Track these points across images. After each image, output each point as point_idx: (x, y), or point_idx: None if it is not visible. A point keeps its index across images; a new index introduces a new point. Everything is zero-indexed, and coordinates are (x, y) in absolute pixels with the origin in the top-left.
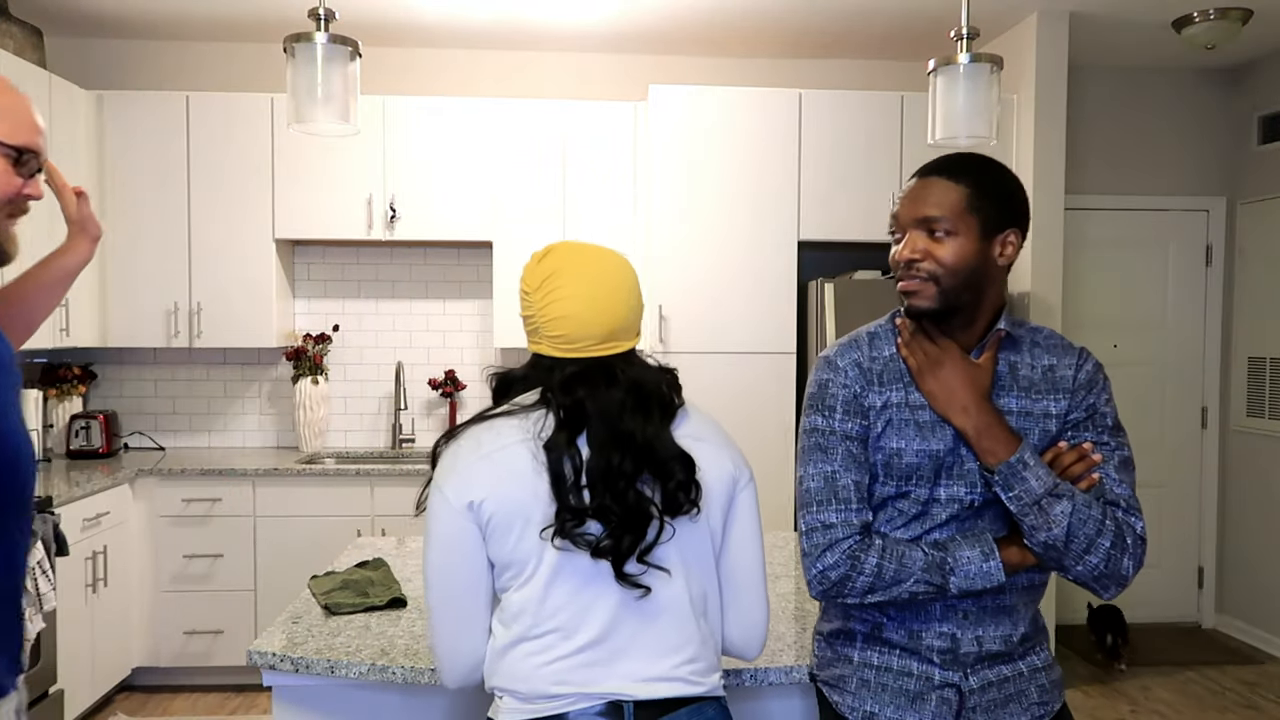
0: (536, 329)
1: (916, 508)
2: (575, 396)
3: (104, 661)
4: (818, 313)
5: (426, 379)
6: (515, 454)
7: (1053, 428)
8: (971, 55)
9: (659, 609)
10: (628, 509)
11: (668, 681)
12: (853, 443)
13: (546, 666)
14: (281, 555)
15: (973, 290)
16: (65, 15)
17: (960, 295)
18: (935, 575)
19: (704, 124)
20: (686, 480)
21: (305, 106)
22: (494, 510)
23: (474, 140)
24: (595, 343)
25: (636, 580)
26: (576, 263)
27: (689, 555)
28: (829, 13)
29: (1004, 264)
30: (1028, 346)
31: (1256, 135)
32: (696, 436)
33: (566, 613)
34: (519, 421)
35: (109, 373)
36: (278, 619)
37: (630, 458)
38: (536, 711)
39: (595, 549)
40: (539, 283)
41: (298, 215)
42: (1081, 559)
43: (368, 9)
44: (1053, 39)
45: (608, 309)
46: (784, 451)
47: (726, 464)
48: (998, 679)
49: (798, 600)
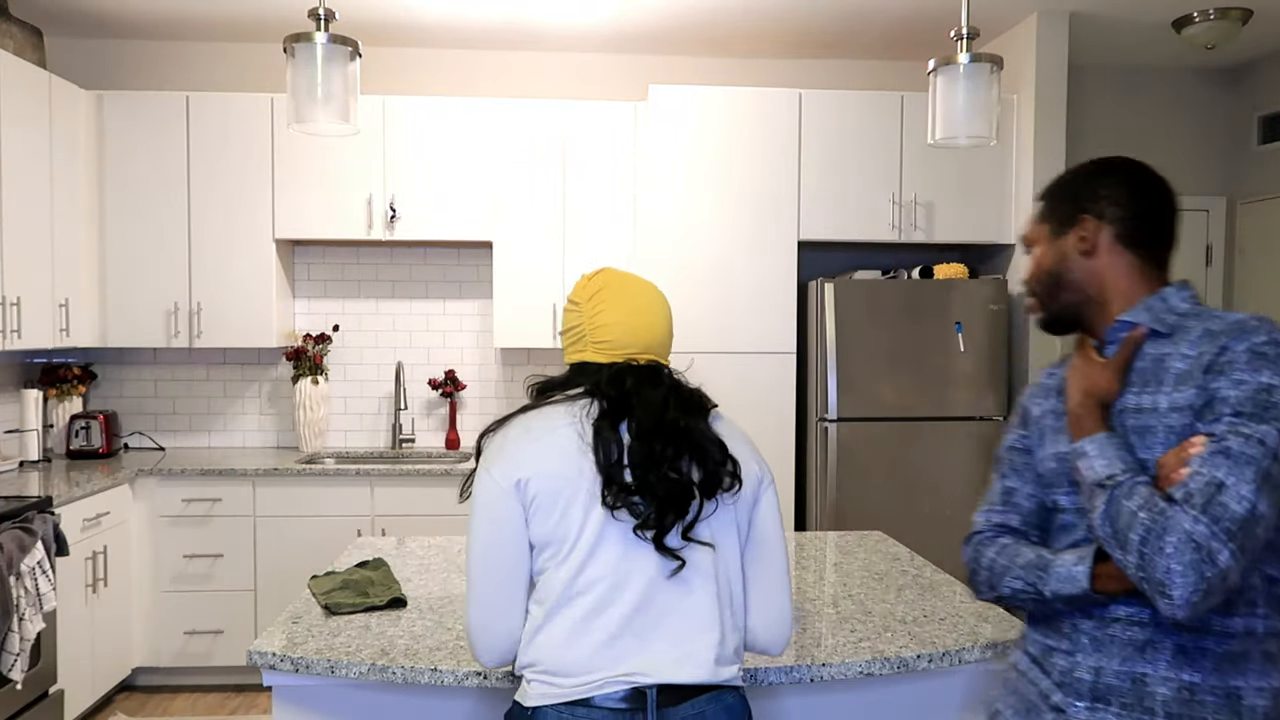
0: (583, 337)
1: (1067, 518)
2: (623, 388)
3: (104, 661)
4: (818, 313)
5: (426, 379)
6: (563, 435)
7: (1174, 421)
8: (971, 55)
9: (689, 589)
10: (670, 486)
11: (692, 666)
12: (1015, 453)
13: (577, 640)
14: (281, 555)
15: (1072, 290)
16: (65, 15)
17: (1060, 299)
18: (1031, 574)
19: (704, 124)
20: (724, 458)
21: (305, 106)
22: (540, 488)
23: (474, 140)
24: (638, 351)
25: (676, 553)
26: (623, 280)
27: (720, 542)
28: (829, 13)
29: (1085, 251)
30: (1194, 336)
31: (1256, 135)
32: (727, 435)
33: (602, 586)
34: (566, 407)
35: (109, 373)
36: (278, 619)
37: (671, 444)
38: (563, 695)
39: (642, 522)
40: (590, 295)
41: (298, 215)
42: (1124, 559)
43: (368, 9)
44: (1053, 39)
45: (649, 323)
46: (784, 452)
47: (752, 465)
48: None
49: (797, 601)
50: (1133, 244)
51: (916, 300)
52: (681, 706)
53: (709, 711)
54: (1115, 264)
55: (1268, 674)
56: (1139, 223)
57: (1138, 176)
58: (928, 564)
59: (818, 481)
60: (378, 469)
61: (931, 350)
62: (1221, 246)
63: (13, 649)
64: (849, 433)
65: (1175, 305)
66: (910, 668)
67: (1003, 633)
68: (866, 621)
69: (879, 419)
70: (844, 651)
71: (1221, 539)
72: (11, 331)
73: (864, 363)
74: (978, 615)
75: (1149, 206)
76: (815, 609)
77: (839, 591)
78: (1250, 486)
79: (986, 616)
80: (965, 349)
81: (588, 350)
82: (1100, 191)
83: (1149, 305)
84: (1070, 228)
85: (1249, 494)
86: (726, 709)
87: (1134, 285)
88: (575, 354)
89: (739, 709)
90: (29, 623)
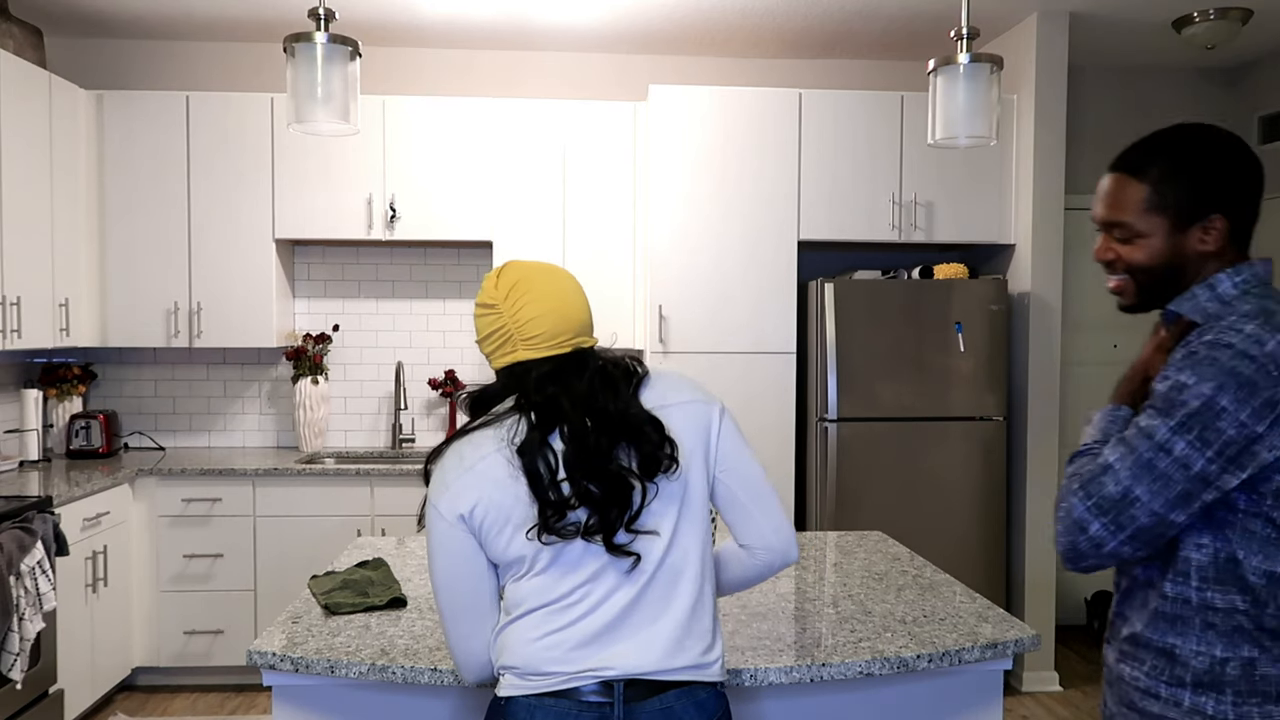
0: (509, 338)
1: None
2: (547, 393)
3: (104, 661)
4: (818, 313)
5: (426, 379)
6: (493, 462)
7: None
8: (971, 55)
9: (651, 581)
10: (608, 484)
11: (654, 655)
12: None
13: (542, 640)
14: (281, 555)
15: (1177, 282)
16: (65, 15)
17: (1164, 289)
18: None
19: (704, 124)
20: (661, 439)
21: (305, 106)
22: (483, 516)
23: (474, 140)
24: (571, 336)
25: (627, 549)
26: (535, 270)
27: (678, 521)
28: (829, 13)
29: (1207, 249)
30: (1216, 329)
31: (1256, 135)
32: (661, 404)
33: (562, 590)
34: (494, 431)
35: (109, 373)
36: (278, 619)
37: (605, 433)
38: (532, 688)
39: (583, 531)
40: (505, 293)
41: (298, 215)
42: None
43: (368, 9)
44: (1053, 39)
45: (574, 306)
46: (784, 452)
47: (695, 414)
48: None
49: (798, 601)
50: (1244, 239)
51: (916, 300)
52: (650, 700)
53: (678, 707)
54: (1224, 259)
55: (1208, 642)
56: (1253, 213)
57: (1255, 167)
58: (928, 564)
59: (818, 481)
60: (378, 469)
61: (931, 350)
62: None
63: (13, 649)
64: (849, 433)
65: (1223, 292)
66: (910, 668)
67: (1003, 633)
68: (866, 621)
69: (879, 419)
70: (844, 651)
71: (1093, 513)
72: (11, 331)
73: (864, 363)
74: (978, 615)
75: (1259, 193)
76: (815, 609)
77: (839, 591)
78: (1128, 473)
79: (986, 617)
80: (965, 349)
81: (518, 350)
82: (1231, 186)
83: (1194, 294)
84: (1196, 223)
85: (1126, 479)
86: (698, 705)
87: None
88: (504, 358)
89: (712, 706)
90: (29, 623)
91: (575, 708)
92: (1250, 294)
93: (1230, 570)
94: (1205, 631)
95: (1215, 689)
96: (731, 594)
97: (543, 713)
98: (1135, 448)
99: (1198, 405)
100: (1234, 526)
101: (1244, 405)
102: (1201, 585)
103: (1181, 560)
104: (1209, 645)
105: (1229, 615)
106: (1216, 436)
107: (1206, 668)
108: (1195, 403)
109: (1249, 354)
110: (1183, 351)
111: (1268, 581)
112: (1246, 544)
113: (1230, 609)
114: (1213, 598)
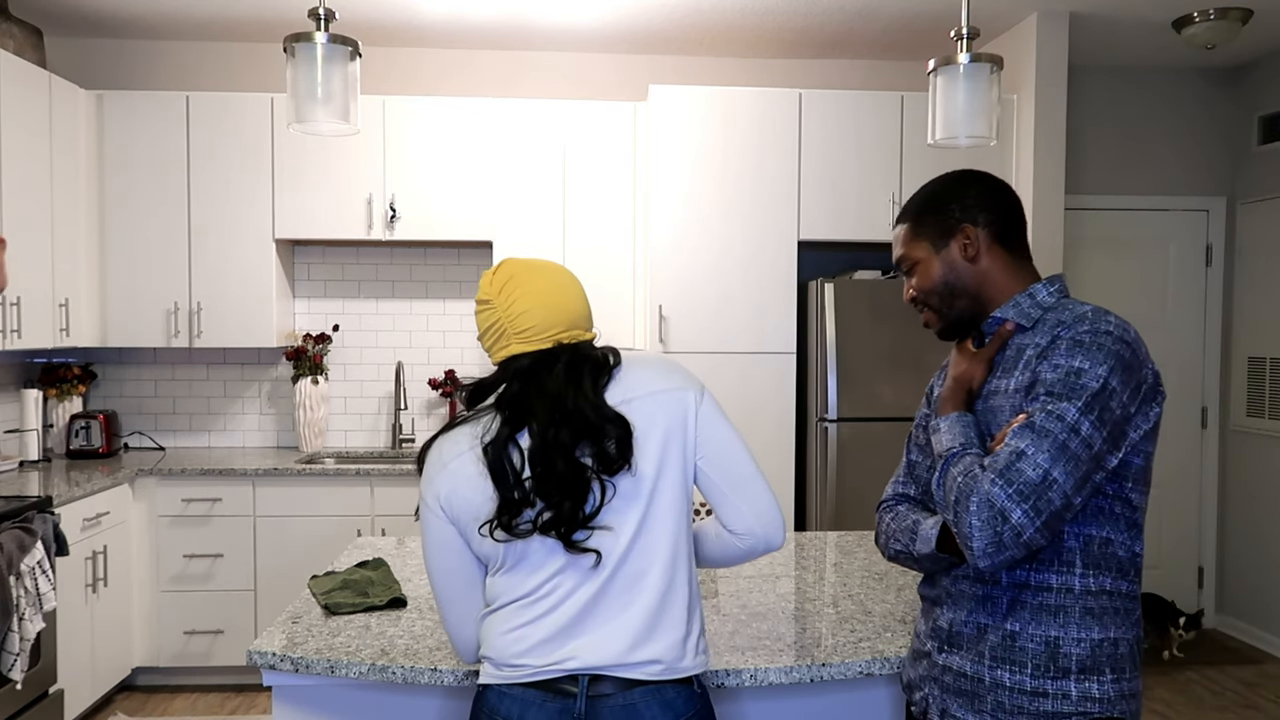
0: (504, 332)
1: None
2: (514, 389)
3: (104, 661)
4: (818, 313)
5: (426, 379)
6: (465, 461)
7: (1016, 402)
8: (971, 55)
9: (612, 577)
10: (566, 480)
11: (624, 655)
12: (918, 430)
13: (513, 633)
14: (281, 555)
15: (964, 295)
16: (65, 15)
17: (956, 306)
18: (906, 536)
19: (704, 124)
20: (622, 437)
21: (305, 106)
22: (459, 511)
23: (474, 140)
24: (561, 330)
25: (584, 546)
26: (529, 266)
27: (643, 518)
28: (829, 13)
29: (970, 256)
30: (1049, 326)
31: (1256, 135)
32: (628, 398)
33: (530, 586)
34: (469, 429)
35: (109, 373)
36: (278, 619)
37: (566, 428)
38: (505, 678)
39: (540, 528)
40: (500, 289)
41: (298, 215)
42: (948, 518)
43: (368, 9)
44: (1053, 39)
45: (565, 300)
46: (784, 452)
47: (668, 404)
48: None
49: (797, 601)
50: (1005, 240)
51: None
52: (614, 697)
53: (641, 705)
54: (995, 263)
55: (1088, 627)
56: (1006, 221)
57: (992, 182)
58: None
59: (818, 481)
60: (378, 469)
61: (931, 350)
62: (1221, 247)
63: (13, 649)
64: (849, 433)
65: (1042, 300)
66: None
67: None
68: (866, 621)
69: (879, 419)
70: (844, 651)
71: (1015, 500)
72: (11, 331)
73: (864, 363)
74: None
75: (1009, 205)
76: (815, 609)
77: (839, 591)
78: (1045, 455)
79: None
80: None
81: (512, 344)
82: (968, 200)
83: (1017, 301)
84: (951, 238)
85: (1044, 462)
86: (664, 703)
87: (1011, 280)
88: (500, 351)
89: (680, 705)
90: (29, 622)
91: (540, 698)
92: (1066, 299)
93: (1106, 553)
94: (1084, 618)
95: (1096, 672)
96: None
97: (511, 700)
98: (1049, 430)
99: (1097, 387)
100: (1104, 511)
101: (1126, 386)
102: (1084, 572)
103: (1067, 550)
104: (1087, 630)
105: (1106, 598)
106: (1110, 416)
107: (1087, 653)
108: (1094, 384)
109: (1125, 339)
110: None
111: (1132, 560)
112: (1114, 526)
113: (1104, 591)
114: (1093, 583)
